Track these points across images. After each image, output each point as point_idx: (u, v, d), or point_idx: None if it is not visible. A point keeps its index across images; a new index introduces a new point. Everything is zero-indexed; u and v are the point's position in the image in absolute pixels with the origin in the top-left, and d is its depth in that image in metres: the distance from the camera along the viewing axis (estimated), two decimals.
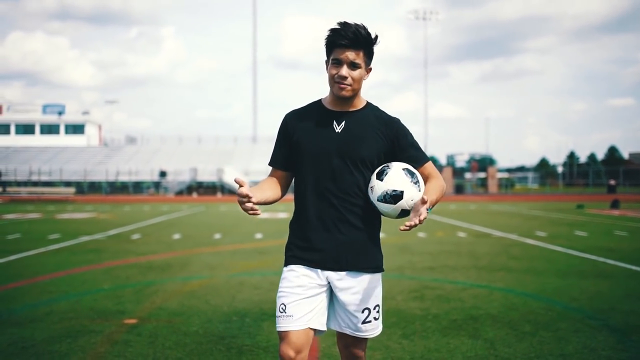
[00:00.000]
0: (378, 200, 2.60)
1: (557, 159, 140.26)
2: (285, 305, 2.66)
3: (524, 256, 10.34)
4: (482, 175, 75.43)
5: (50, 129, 77.94)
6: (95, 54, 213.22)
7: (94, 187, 60.23)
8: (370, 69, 2.70)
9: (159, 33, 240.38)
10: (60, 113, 77.26)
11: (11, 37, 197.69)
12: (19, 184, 57.46)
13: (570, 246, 11.64)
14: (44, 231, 15.65)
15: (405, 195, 2.55)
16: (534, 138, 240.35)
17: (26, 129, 77.76)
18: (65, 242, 12.65)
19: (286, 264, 2.76)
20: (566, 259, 9.92)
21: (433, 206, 2.57)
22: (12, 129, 77.83)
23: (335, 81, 2.61)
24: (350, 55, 2.56)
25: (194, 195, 54.54)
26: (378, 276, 2.78)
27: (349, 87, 2.62)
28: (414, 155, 2.73)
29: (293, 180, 2.87)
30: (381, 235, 2.85)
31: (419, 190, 2.58)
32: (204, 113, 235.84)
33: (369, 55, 2.65)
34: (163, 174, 60.48)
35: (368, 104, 2.79)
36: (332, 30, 2.59)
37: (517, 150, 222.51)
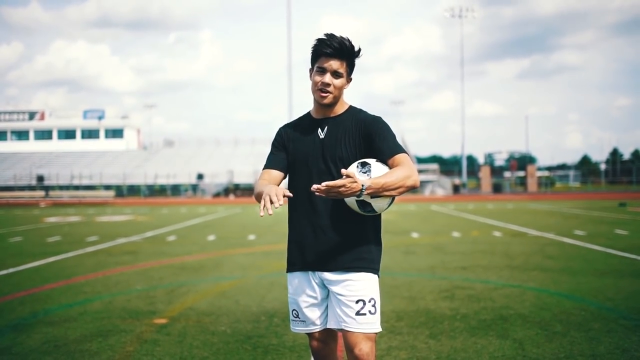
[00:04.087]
0: None
1: (599, 156, 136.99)
2: (297, 312, 2.87)
3: (560, 255, 10.14)
4: (521, 174, 74.21)
5: (90, 134, 79.80)
6: (134, 60, 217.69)
7: (132, 190, 61.35)
8: (351, 79, 2.83)
9: (196, 38, 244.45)
10: (100, 118, 78.99)
11: (55, 46, 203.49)
12: (61, 187, 58.91)
13: (610, 245, 11.37)
14: (83, 234, 16.02)
15: None
16: (576, 135, 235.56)
17: (67, 134, 79.78)
18: (102, 244, 12.92)
19: (287, 270, 2.92)
20: (604, 258, 9.69)
21: (388, 191, 2.50)
22: (55, 134, 79.91)
23: (318, 88, 2.75)
24: (335, 64, 2.70)
25: (231, 197, 55.04)
26: (370, 275, 2.78)
27: (330, 95, 2.75)
28: (385, 147, 2.69)
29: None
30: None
31: (368, 178, 2.53)
32: (242, 116, 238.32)
33: (351, 67, 2.78)
34: (200, 176, 61.21)
35: (350, 108, 2.89)
36: (319, 40, 2.72)
37: (558, 148, 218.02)
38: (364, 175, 2.57)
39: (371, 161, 2.65)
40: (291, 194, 2.55)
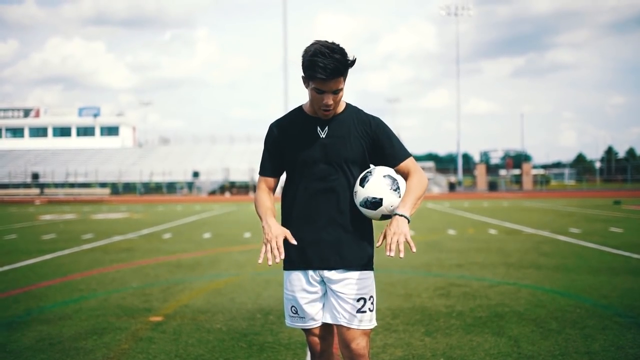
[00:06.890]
0: (360, 205, 2.71)
1: (594, 154, 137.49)
2: (296, 308, 2.83)
3: (555, 253, 10.16)
4: (516, 172, 74.36)
5: (85, 131, 79.58)
6: (130, 57, 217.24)
7: (128, 188, 61.19)
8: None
9: (192, 35, 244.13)
10: (95, 115, 78.79)
11: (50, 43, 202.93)
12: (56, 185, 58.75)
13: (604, 243, 11.40)
14: (78, 231, 15.98)
15: (384, 202, 2.65)
16: (571, 133, 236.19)
17: (63, 131, 79.53)
18: (98, 242, 12.89)
19: (284, 268, 2.87)
20: (599, 256, 9.71)
21: (414, 206, 2.67)
22: (50, 131, 79.64)
23: (321, 107, 2.66)
24: (333, 85, 2.58)
25: (227, 194, 54.97)
26: (370, 273, 2.81)
27: (333, 111, 2.70)
28: (393, 153, 2.78)
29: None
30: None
31: (399, 197, 2.67)
32: (238, 113, 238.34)
33: (346, 75, 2.64)
34: (196, 174, 61.13)
35: (348, 106, 2.83)
36: (312, 62, 2.53)
37: (553, 146, 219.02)
38: (395, 194, 2.66)
39: (395, 175, 2.72)
40: (294, 242, 2.66)
